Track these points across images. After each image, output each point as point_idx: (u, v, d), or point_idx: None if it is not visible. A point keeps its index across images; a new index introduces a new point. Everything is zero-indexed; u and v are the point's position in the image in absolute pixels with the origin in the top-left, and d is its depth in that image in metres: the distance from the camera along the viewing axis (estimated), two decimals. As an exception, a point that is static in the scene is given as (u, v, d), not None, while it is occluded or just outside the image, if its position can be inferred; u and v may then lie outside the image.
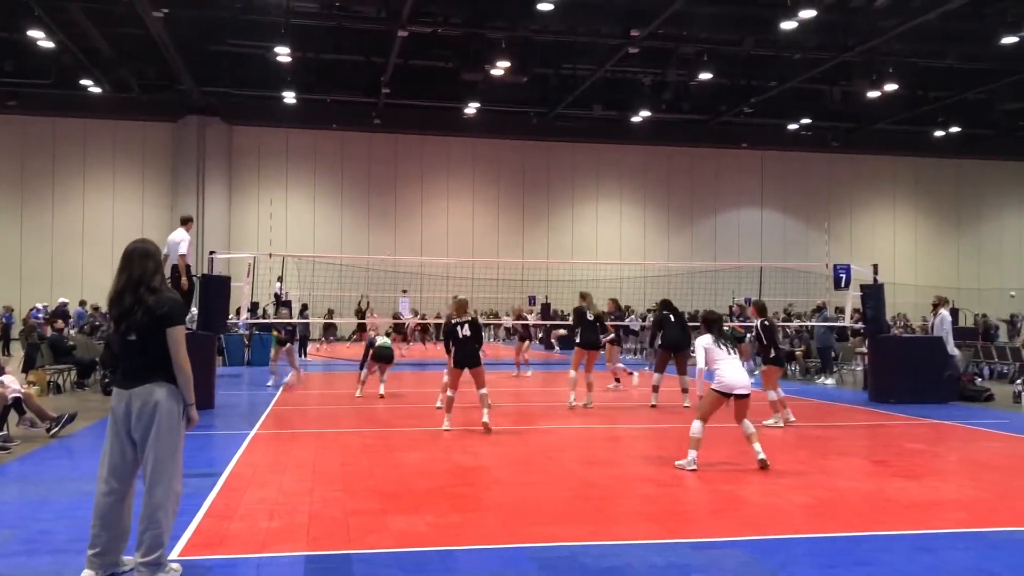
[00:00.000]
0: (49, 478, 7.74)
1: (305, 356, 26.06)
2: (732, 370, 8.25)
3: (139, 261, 4.83)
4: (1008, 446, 10.23)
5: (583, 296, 13.82)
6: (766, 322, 11.78)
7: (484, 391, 10.76)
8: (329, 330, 29.60)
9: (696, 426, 8.20)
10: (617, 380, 16.42)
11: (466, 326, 10.76)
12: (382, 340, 14.86)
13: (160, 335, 4.76)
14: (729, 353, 8.34)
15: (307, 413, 13.36)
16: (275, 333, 16.94)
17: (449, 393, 11.00)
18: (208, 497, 6.77)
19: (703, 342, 8.38)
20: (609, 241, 38.90)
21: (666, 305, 14.29)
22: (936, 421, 12.12)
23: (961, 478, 8.11)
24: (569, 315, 14.03)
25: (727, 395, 8.25)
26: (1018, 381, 15.63)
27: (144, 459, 4.75)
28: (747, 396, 8.32)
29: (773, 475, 7.94)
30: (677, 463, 8.22)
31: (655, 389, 13.67)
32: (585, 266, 30.64)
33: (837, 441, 10.50)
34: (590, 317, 13.44)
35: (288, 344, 16.63)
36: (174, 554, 5.17)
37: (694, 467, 8.04)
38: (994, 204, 42.35)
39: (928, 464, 8.89)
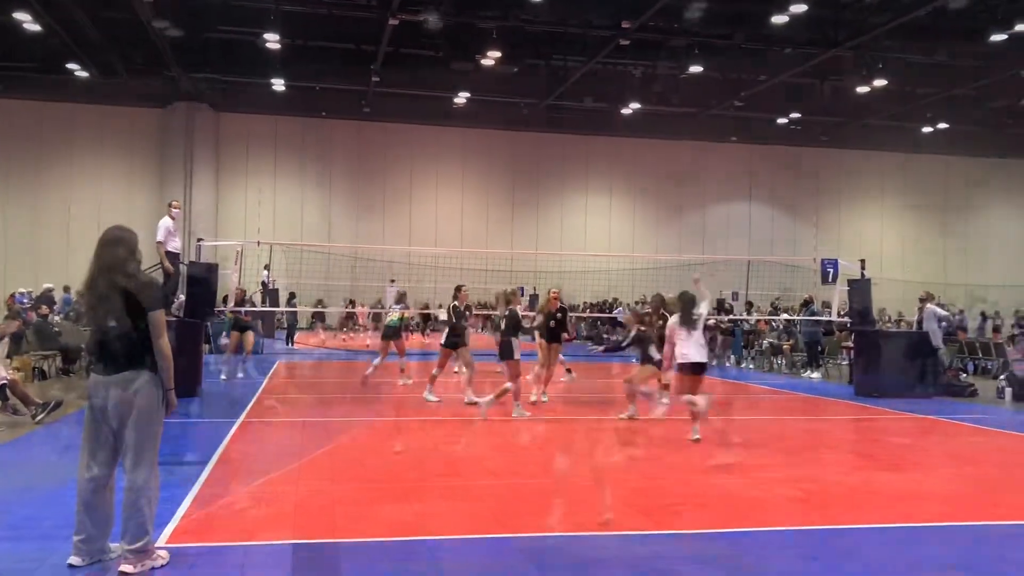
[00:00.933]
0: (35, 464, 7.72)
1: (292, 344, 26.04)
2: (687, 345, 9.30)
3: (110, 248, 4.81)
4: (991, 441, 10.32)
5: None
6: (642, 328, 11.64)
7: (508, 386, 10.84)
8: (349, 319, 29.69)
9: (700, 401, 9.17)
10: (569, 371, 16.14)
11: (503, 320, 11.13)
12: (390, 318, 14.92)
13: (139, 321, 4.74)
14: (689, 333, 9.33)
15: (295, 401, 13.34)
16: (229, 316, 16.58)
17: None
18: (195, 485, 6.75)
19: (672, 321, 9.61)
20: (598, 232, 38.92)
21: (663, 301, 14.15)
22: (920, 415, 12.21)
23: (945, 472, 8.18)
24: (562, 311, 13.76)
25: (683, 365, 9.30)
26: (1001, 377, 15.75)
27: (124, 446, 4.74)
28: (699, 368, 9.32)
29: (758, 468, 7.98)
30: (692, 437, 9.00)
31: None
32: (574, 257, 30.61)
33: (822, 434, 10.57)
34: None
35: (248, 330, 16.36)
36: (161, 541, 5.16)
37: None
38: (981, 201, 42.59)
39: (912, 458, 8.97)
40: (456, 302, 12.81)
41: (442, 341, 12.87)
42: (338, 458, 8.15)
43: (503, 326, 11.11)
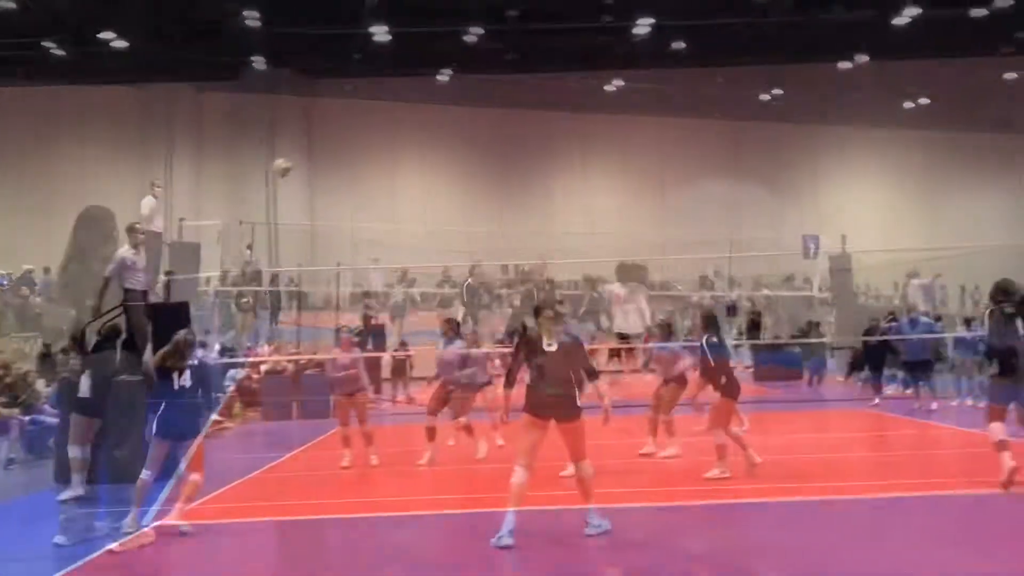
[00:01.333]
0: (19, 447, 7.70)
1: (277, 324, 25.92)
2: (629, 314, 9.95)
3: (84, 229, 4.81)
4: (966, 418, 10.43)
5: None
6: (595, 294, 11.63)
7: None
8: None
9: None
10: None
11: None
12: (394, 298, 15.03)
13: (115, 302, 4.74)
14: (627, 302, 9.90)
15: (280, 386, 13.30)
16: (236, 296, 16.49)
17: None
18: (181, 465, 6.74)
19: (615, 288, 10.33)
20: (586, 211, 38.83)
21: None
22: (899, 391, 12.34)
23: (921, 447, 8.30)
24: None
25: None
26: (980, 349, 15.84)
27: (107, 426, 4.75)
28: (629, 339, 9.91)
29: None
30: None
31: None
32: (563, 236, 30.54)
33: (802, 411, 10.68)
34: None
35: (247, 313, 16.23)
36: (147, 520, 5.17)
37: None
38: (963, 177, 42.71)
39: (889, 432, 9.09)
40: (471, 279, 12.61)
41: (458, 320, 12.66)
42: (324, 439, 8.18)
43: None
